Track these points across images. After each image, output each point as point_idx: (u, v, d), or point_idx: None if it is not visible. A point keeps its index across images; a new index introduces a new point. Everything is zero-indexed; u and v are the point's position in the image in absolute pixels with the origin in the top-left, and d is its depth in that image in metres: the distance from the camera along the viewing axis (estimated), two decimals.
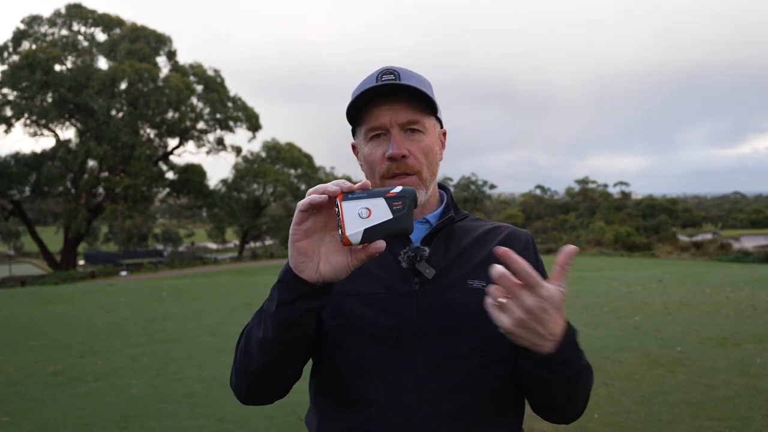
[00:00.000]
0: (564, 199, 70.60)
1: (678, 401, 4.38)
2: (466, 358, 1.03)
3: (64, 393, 4.94)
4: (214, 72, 35.21)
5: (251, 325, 1.02)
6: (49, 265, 34.62)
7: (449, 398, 1.02)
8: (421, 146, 1.08)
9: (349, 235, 0.84)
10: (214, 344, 6.85)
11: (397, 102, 1.06)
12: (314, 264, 0.90)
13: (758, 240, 51.43)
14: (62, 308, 10.15)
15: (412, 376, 1.02)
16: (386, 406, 1.02)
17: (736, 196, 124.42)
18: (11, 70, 29.94)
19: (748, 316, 8.04)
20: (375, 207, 0.85)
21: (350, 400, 1.05)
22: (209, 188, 37.08)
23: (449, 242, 1.11)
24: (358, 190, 0.86)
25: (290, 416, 4.20)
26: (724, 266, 20.31)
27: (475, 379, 1.03)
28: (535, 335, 0.87)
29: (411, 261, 1.05)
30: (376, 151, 1.08)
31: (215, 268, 31.22)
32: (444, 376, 1.02)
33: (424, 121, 1.09)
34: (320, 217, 0.89)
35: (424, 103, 1.07)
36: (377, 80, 1.07)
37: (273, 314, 0.93)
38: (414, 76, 1.09)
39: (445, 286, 1.05)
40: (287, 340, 0.95)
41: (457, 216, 1.15)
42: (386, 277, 1.07)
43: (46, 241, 34.69)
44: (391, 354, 1.03)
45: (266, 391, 1.05)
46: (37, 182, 31.62)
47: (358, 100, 1.07)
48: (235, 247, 51.40)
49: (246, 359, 1.01)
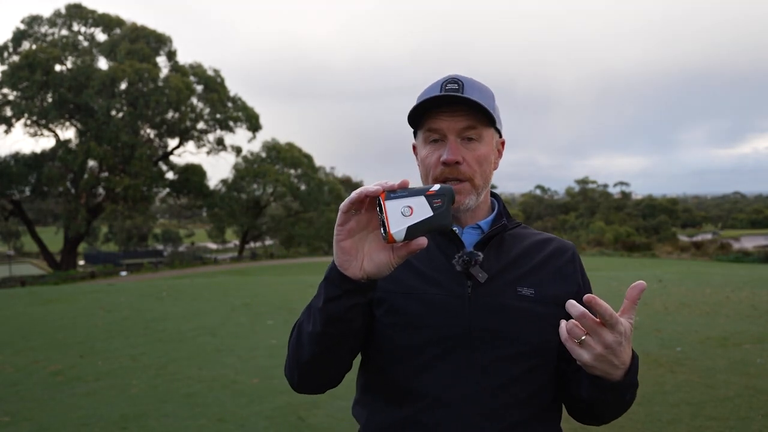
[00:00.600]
0: (564, 199, 70.61)
1: (678, 401, 4.38)
2: (512, 361, 1.09)
3: (64, 393, 4.94)
4: (214, 72, 35.21)
5: (302, 320, 1.08)
6: (49, 265, 34.62)
7: (494, 398, 1.07)
8: (475, 154, 1.13)
9: (393, 232, 0.88)
10: (214, 344, 6.85)
11: (457, 111, 1.12)
12: (358, 262, 0.95)
13: (758, 240, 51.43)
14: (62, 308, 10.15)
15: (461, 374, 1.08)
16: (435, 401, 1.07)
17: (736, 196, 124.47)
18: (11, 70, 29.94)
19: (748, 316, 8.04)
20: (416, 205, 0.89)
21: (401, 394, 1.10)
22: (209, 188, 37.06)
23: (501, 249, 1.16)
24: (399, 188, 0.90)
25: (290, 416, 4.20)
26: (724, 266, 20.31)
27: (519, 381, 1.09)
28: (611, 366, 0.95)
29: (465, 265, 1.10)
30: (432, 155, 1.14)
31: (215, 268, 31.22)
32: (490, 377, 1.08)
33: (482, 130, 1.14)
34: (362, 218, 0.94)
35: (484, 115, 1.12)
36: (441, 89, 1.12)
37: (320, 309, 0.99)
38: (477, 88, 1.15)
39: (496, 291, 1.11)
40: (334, 334, 1.01)
41: (510, 224, 1.20)
42: (441, 278, 1.12)
43: (46, 241, 34.69)
44: (443, 352, 1.08)
45: (317, 381, 1.12)
46: (37, 182, 31.61)
47: (421, 107, 1.13)
48: (235, 247, 51.40)
49: (298, 351, 1.08)
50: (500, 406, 1.07)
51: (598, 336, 0.92)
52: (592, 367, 0.95)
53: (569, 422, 1.32)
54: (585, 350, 0.93)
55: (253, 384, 5.05)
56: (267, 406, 4.45)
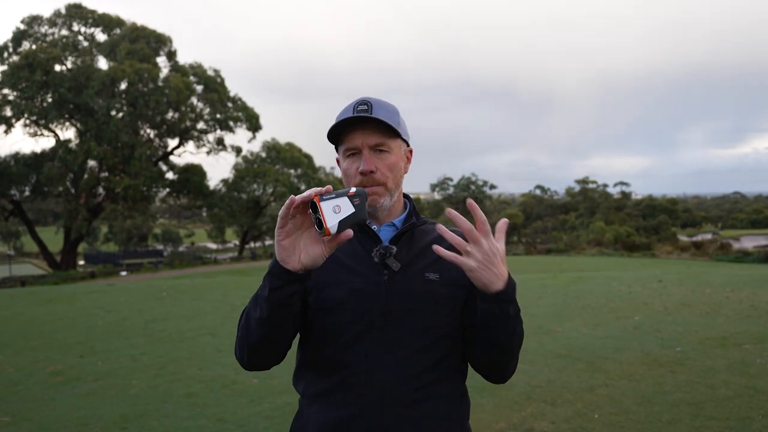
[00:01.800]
0: (564, 199, 70.55)
1: (678, 401, 4.38)
2: (423, 333, 1.32)
3: (64, 393, 4.94)
4: (214, 72, 35.24)
5: (249, 308, 1.28)
6: (49, 265, 34.63)
7: (409, 364, 1.30)
8: (386, 163, 1.36)
9: (329, 226, 1.11)
10: (214, 344, 6.84)
11: (368, 128, 1.35)
12: (296, 256, 1.17)
13: (758, 240, 51.42)
14: (62, 308, 10.14)
15: (381, 347, 1.30)
16: (359, 369, 1.30)
17: (736, 196, 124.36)
18: (11, 70, 29.94)
19: (748, 316, 8.03)
20: (342, 204, 1.13)
21: (331, 366, 1.33)
22: (209, 188, 37.08)
23: (411, 242, 1.39)
24: (326, 192, 1.12)
25: (290, 416, 4.19)
26: (724, 266, 20.31)
27: (427, 350, 1.32)
28: (491, 274, 1.16)
29: (382, 257, 1.33)
30: (351, 167, 1.37)
31: (215, 268, 31.22)
32: (406, 347, 1.30)
33: (390, 143, 1.37)
34: (297, 220, 1.16)
35: (391, 129, 1.35)
36: (354, 111, 1.34)
37: (266, 298, 1.19)
38: (384, 107, 1.37)
39: (407, 277, 1.33)
40: (278, 318, 1.22)
41: (418, 222, 1.43)
42: (362, 269, 1.34)
43: (46, 241, 34.69)
44: (364, 329, 1.30)
45: (264, 359, 1.32)
46: (37, 182, 31.62)
47: (337, 127, 1.35)
48: (235, 247, 51.39)
49: (247, 334, 1.27)
50: (413, 371, 1.29)
51: (478, 245, 1.15)
52: (478, 274, 1.16)
53: (570, 423, 1.32)
54: (469, 258, 1.15)
55: (253, 384, 5.05)
56: (267, 406, 4.45)
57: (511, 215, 57.42)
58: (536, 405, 4.32)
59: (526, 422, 4.00)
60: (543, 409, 4.23)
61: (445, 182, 56.35)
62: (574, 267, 20.66)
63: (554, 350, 6.05)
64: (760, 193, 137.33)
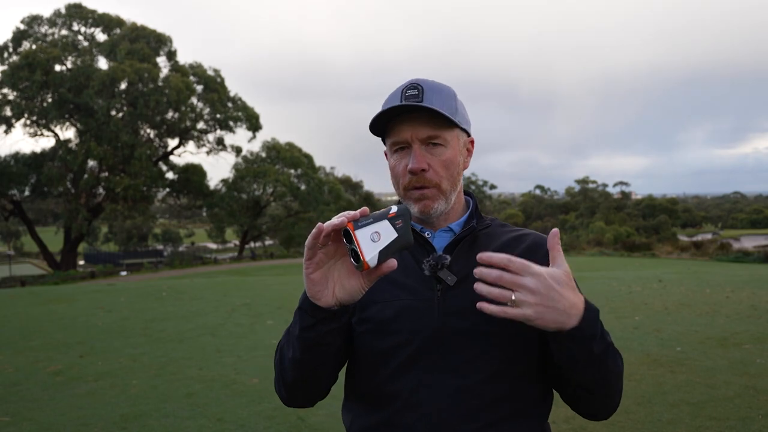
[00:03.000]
0: (564, 199, 70.61)
1: (678, 401, 4.38)
2: (484, 361, 1.09)
3: (64, 393, 4.94)
4: (214, 72, 35.21)
5: (283, 343, 1.12)
6: (49, 265, 34.62)
7: (468, 398, 1.08)
8: (441, 160, 1.14)
9: (368, 259, 0.92)
10: (214, 344, 6.84)
11: (418, 118, 1.13)
12: (329, 290, 0.99)
13: (758, 240, 51.43)
14: (62, 308, 10.14)
15: (432, 376, 1.09)
16: (407, 404, 1.09)
17: (736, 196, 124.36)
18: (11, 70, 29.93)
19: (748, 316, 8.03)
20: (382, 229, 0.94)
21: (378, 397, 1.13)
22: (209, 188, 37.07)
23: (472, 250, 1.16)
24: (361, 216, 0.93)
25: (290, 416, 4.20)
26: (724, 266, 20.30)
27: (492, 380, 1.09)
28: (556, 312, 0.93)
29: (433, 269, 1.12)
30: (399, 164, 1.16)
31: (215, 268, 31.22)
32: (463, 378, 1.08)
33: (445, 134, 1.14)
34: (329, 249, 0.98)
35: (445, 119, 1.13)
36: (401, 97, 1.13)
37: (297, 337, 1.04)
38: (438, 90, 1.15)
39: (465, 293, 1.09)
40: (314, 359, 1.06)
41: (480, 225, 1.21)
42: (410, 283, 1.14)
43: (46, 241, 34.68)
44: (414, 355, 1.10)
45: (305, 397, 1.17)
46: (37, 182, 31.61)
47: (381, 117, 1.14)
48: (235, 247, 51.36)
49: (282, 373, 1.13)
50: (471, 407, 1.07)
51: (522, 286, 0.92)
52: (539, 320, 0.93)
53: (570, 423, 1.31)
54: (522, 308, 0.92)
55: (253, 384, 5.05)
56: (267, 406, 4.45)
57: (511, 215, 57.46)
58: None
59: None
60: None
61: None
62: (574, 267, 20.50)
63: None
64: (760, 193, 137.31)
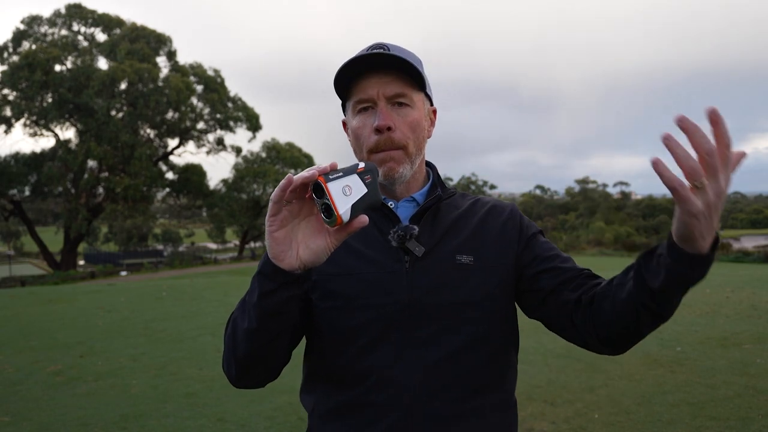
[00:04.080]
0: (564, 199, 70.66)
1: (678, 401, 4.38)
2: (456, 332, 1.06)
3: (64, 393, 4.94)
4: (214, 72, 35.23)
5: (236, 315, 1.02)
6: (49, 265, 34.62)
7: (442, 370, 1.05)
8: (407, 120, 1.09)
9: (341, 213, 0.86)
10: (214, 344, 6.85)
11: (385, 75, 1.07)
12: (293, 251, 0.91)
13: (758, 240, 51.46)
14: (62, 308, 10.14)
15: (405, 350, 1.05)
16: (380, 380, 1.05)
17: (736, 196, 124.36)
18: (11, 70, 29.93)
19: (748, 316, 8.03)
20: (353, 183, 0.88)
21: (346, 376, 1.08)
22: (209, 188, 37.09)
23: (436, 219, 1.12)
24: (331, 169, 0.88)
25: (291, 416, 4.20)
26: (724, 266, 20.30)
27: (466, 351, 1.06)
28: (710, 226, 0.80)
29: (401, 240, 1.07)
30: (365, 124, 1.09)
31: (215, 268, 31.22)
32: (436, 350, 1.05)
33: (412, 95, 1.10)
34: (294, 206, 0.91)
35: (413, 78, 1.08)
36: (367, 52, 1.08)
37: (255, 305, 0.94)
38: (404, 51, 1.11)
39: (434, 263, 1.07)
40: (271, 329, 0.97)
41: (445, 194, 1.16)
42: (377, 256, 1.09)
43: (46, 241, 34.68)
44: (383, 330, 1.05)
45: (256, 376, 1.07)
46: (37, 182, 31.62)
47: (346, 71, 1.07)
48: (235, 247, 51.37)
49: (234, 347, 1.02)
50: (447, 380, 1.04)
51: (715, 179, 0.76)
52: (697, 223, 0.78)
53: (570, 423, 1.31)
54: (700, 197, 0.77)
55: None
56: (267, 406, 4.45)
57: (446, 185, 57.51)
58: (536, 405, 4.31)
59: (526, 422, 4.00)
60: (543, 409, 4.23)
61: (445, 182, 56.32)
62: None
63: (554, 350, 6.05)
64: (760, 193, 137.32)
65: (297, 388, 1.27)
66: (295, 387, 1.14)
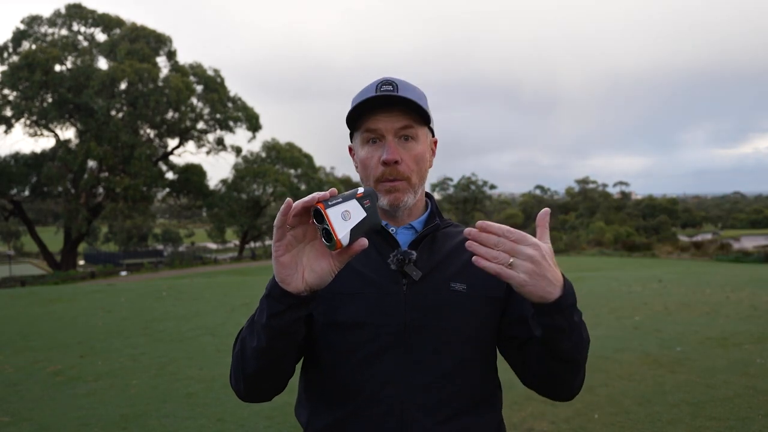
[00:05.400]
0: (564, 199, 70.62)
1: (678, 401, 4.38)
2: (448, 355, 1.12)
3: (64, 393, 4.94)
4: (214, 72, 35.21)
5: (245, 334, 1.08)
6: (49, 265, 34.61)
7: (429, 391, 1.10)
8: (412, 153, 1.17)
9: (340, 237, 0.91)
10: (214, 344, 6.85)
11: (393, 111, 1.16)
12: (299, 275, 0.96)
13: (758, 240, 51.42)
14: (62, 308, 10.14)
15: (398, 370, 1.10)
16: (373, 397, 1.10)
17: (736, 196, 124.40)
18: (11, 71, 29.91)
19: (748, 316, 8.03)
20: (352, 208, 0.94)
21: (339, 393, 1.13)
22: (209, 188, 37.07)
23: (433, 247, 1.20)
24: (330, 196, 0.93)
25: (290, 416, 4.20)
26: (724, 266, 20.30)
27: (453, 374, 1.12)
28: (545, 282, 0.95)
29: (400, 263, 1.13)
30: (373, 156, 1.17)
31: (215, 268, 31.22)
32: (428, 371, 1.11)
33: (417, 130, 1.18)
34: (298, 231, 0.96)
35: (418, 114, 1.17)
36: (376, 90, 1.16)
37: (264, 325, 1.00)
38: (410, 89, 1.19)
39: (430, 288, 1.14)
40: (279, 348, 1.03)
41: (442, 224, 1.24)
42: (376, 277, 1.15)
43: (46, 241, 34.67)
44: (379, 350, 1.11)
45: (263, 391, 1.13)
46: (37, 182, 31.60)
47: (357, 108, 1.16)
48: (235, 247, 51.37)
49: (242, 364, 1.08)
50: (436, 399, 1.10)
51: (520, 253, 0.94)
52: (530, 287, 0.95)
53: (570, 423, 1.31)
54: (516, 271, 0.94)
55: None
56: (267, 406, 4.45)
57: (511, 215, 57.48)
58: (536, 405, 4.31)
59: (526, 422, 4.00)
60: (543, 409, 4.23)
61: (445, 182, 56.34)
62: (574, 267, 20.64)
63: None
64: (760, 193, 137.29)
65: (296, 387, 1.27)
66: (294, 387, 1.18)
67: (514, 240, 0.94)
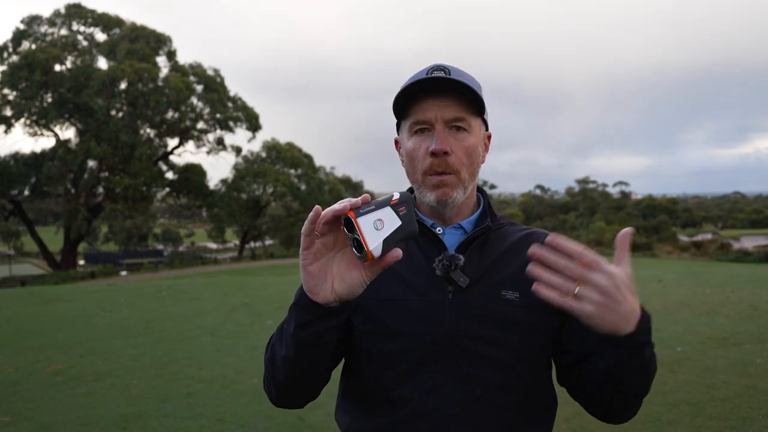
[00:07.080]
0: (564, 199, 70.66)
1: (678, 401, 4.38)
2: (495, 367, 1.04)
3: (64, 393, 4.94)
4: (214, 72, 35.21)
5: (275, 340, 1.04)
6: (49, 265, 34.61)
7: (474, 407, 1.03)
8: (464, 145, 1.07)
9: (372, 248, 0.85)
10: (214, 344, 6.85)
11: (445, 98, 1.06)
12: (328, 284, 0.90)
13: (758, 240, 51.39)
14: (62, 308, 10.14)
15: (442, 382, 1.03)
16: (414, 411, 1.04)
17: (736, 196, 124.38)
18: (11, 70, 29.92)
19: (748, 316, 8.03)
20: (385, 217, 0.86)
21: (381, 402, 1.07)
22: (209, 188, 37.07)
23: (483, 250, 1.10)
24: (363, 203, 0.86)
25: (290, 416, 4.20)
26: (724, 266, 20.29)
27: (501, 390, 1.04)
28: (617, 315, 0.85)
29: (446, 269, 1.05)
30: (420, 146, 1.08)
31: (215, 268, 31.20)
32: (471, 386, 1.03)
33: (470, 120, 1.08)
34: (328, 239, 0.89)
35: (472, 103, 1.07)
36: (427, 74, 1.06)
37: (292, 335, 0.95)
38: (464, 74, 1.09)
39: (478, 296, 1.05)
40: (308, 358, 0.97)
41: (494, 224, 1.14)
42: (420, 284, 1.07)
43: (46, 241, 34.67)
44: (422, 361, 1.04)
45: (296, 398, 1.08)
46: (37, 182, 31.60)
47: (405, 93, 1.07)
48: (235, 247, 51.36)
49: (273, 372, 1.04)
50: (481, 417, 1.03)
51: (589, 282, 0.83)
52: (599, 320, 0.85)
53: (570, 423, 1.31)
54: (584, 302, 0.84)
55: (253, 384, 5.05)
56: (267, 406, 4.45)
57: (511, 215, 57.46)
58: None
59: None
60: None
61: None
62: None
63: None
64: (760, 193, 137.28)
65: None
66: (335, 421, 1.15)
67: (586, 264, 0.84)
